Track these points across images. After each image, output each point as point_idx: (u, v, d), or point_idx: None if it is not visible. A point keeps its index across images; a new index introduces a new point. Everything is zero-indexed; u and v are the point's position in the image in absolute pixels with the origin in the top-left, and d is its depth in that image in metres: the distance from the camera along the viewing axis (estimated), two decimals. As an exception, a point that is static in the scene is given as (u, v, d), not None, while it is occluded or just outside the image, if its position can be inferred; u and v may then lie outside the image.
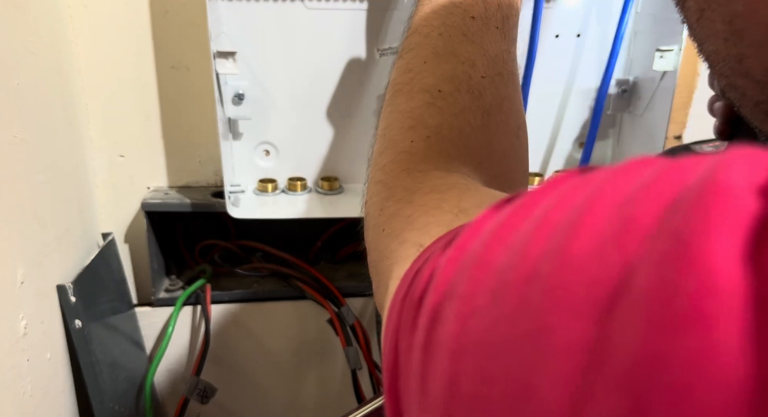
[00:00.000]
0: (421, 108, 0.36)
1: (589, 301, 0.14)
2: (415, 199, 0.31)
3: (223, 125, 0.58)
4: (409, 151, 0.35)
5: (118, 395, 0.60)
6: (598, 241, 0.15)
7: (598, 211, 0.16)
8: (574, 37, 0.59)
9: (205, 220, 0.70)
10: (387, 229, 0.31)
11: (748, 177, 0.13)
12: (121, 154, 0.66)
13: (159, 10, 0.62)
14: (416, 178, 0.33)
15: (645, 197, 0.15)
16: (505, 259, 0.18)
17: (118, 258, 0.67)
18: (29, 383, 0.48)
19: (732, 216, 0.12)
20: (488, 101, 0.38)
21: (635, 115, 0.61)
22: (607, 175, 0.17)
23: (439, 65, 0.38)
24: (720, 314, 0.12)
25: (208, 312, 0.66)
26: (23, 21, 0.49)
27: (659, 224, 0.14)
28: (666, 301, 0.12)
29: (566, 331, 0.14)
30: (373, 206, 0.34)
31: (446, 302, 0.19)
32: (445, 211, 0.28)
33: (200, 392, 0.66)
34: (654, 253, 0.13)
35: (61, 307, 0.53)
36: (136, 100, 0.64)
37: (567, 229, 0.16)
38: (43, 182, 0.52)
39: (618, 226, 0.15)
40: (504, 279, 0.17)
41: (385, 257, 0.30)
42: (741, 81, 0.20)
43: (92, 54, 0.62)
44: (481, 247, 0.19)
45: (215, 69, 0.55)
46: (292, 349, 0.72)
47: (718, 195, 0.13)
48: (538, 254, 0.17)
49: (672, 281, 0.12)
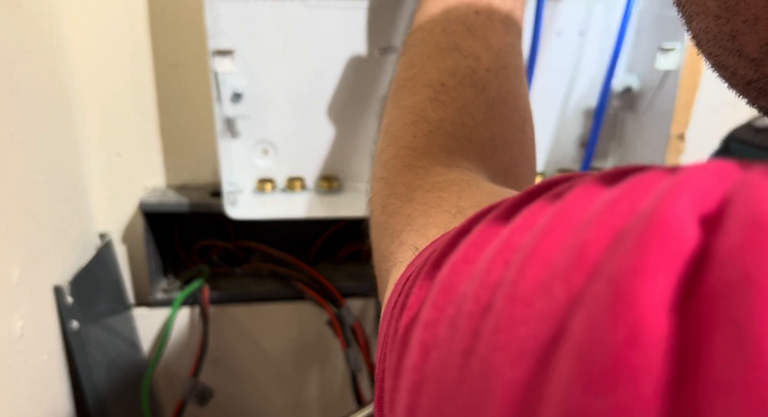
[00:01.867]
0: (424, 103, 0.36)
1: (532, 341, 0.14)
2: (416, 197, 0.30)
3: (221, 124, 0.57)
4: (411, 147, 0.34)
5: (115, 397, 0.60)
6: (549, 272, 0.14)
7: (555, 235, 0.15)
8: (577, 35, 0.59)
9: (203, 220, 0.70)
10: (388, 228, 0.31)
11: (695, 205, 0.13)
12: (119, 153, 0.66)
13: (157, 8, 0.61)
14: (417, 174, 0.32)
15: (598, 223, 0.14)
16: (466, 286, 0.17)
17: (115, 258, 0.67)
18: (26, 385, 0.47)
19: (667, 255, 0.12)
20: (492, 95, 0.37)
21: (638, 114, 0.60)
22: (575, 192, 0.16)
23: (442, 60, 0.37)
24: (642, 369, 0.11)
25: (206, 313, 0.66)
26: (20, 19, 0.49)
27: (604, 257, 0.13)
28: (593, 353, 0.12)
29: (508, 375, 0.14)
30: (375, 204, 0.34)
31: (413, 326, 0.19)
32: (443, 211, 0.28)
33: (198, 394, 0.65)
34: (590, 294, 0.13)
35: (57, 308, 0.53)
36: (134, 98, 0.64)
37: (524, 255, 0.16)
38: (39, 182, 0.51)
39: (569, 256, 0.14)
40: (462, 309, 0.17)
41: (386, 258, 0.30)
42: (732, 60, 0.19)
43: (89, 52, 0.61)
44: (447, 270, 0.19)
45: (213, 68, 0.54)
46: (291, 350, 0.71)
47: (657, 229, 0.12)
48: (494, 283, 0.16)
49: (601, 330, 0.12)
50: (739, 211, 0.12)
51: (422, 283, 0.20)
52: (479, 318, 0.16)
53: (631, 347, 0.11)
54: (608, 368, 0.11)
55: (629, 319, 0.11)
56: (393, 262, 0.28)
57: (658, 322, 0.11)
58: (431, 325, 0.18)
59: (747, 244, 0.11)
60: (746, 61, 0.19)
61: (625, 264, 0.12)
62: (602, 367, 0.11)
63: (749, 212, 0.11)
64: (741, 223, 0.11)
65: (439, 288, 0.18)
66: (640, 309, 0.11)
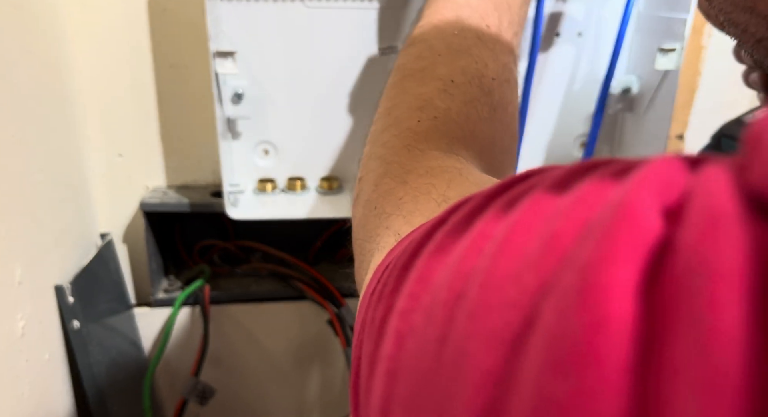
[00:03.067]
0: (433, 92, 0.37)
1: (504, 329, 0.14)
2: (409, 180, 0.31)
3: (222, 124, 0.57)
4: (415, 129, 0.35)
5: (117, 396, 0.60)
6: (522, 260, 0.15)
7: (528, 225, 0.16)
8: (576, 36, 0.59)
9: (203, 220, 0.70)
10: (378, 208, 0.31)
11: (658, 197, 0.13)
12: (120, 154, 0.66)
13: (157, 9, 0.61)
14: (415, 157, 0.33)
15: (569, 213, 0.15)
16: (441, 275, 0.17)
17: (117, 258, 0.67)
18: (27, 384, 0.47)
19: (633, 244, 0.12)
20: (496, 100, 0.38)
21: (637, 115, 0.60)
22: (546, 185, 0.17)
23: (453, 59, 0.38)
24: (607, 353, 0.12)
25: (207, 312, 0.66)
26: (21, 20, 0.49)
27: (573, 246, 0.14)
28: (562, 338, 0.12)
29: (481, 362, 0.14)
30: (368, 182, 0.34)
31: (389, 315, 0.19)
32: (430, 199, 0.28)
33: (199, 393, 0.66)
34: (560, 282, 0.13)
35: (59, 308, 0.53)
36: (135, 99, 0.64)
37: (497, 244, 0.16)
38: (40, 182, 0.51)
39: (540, 245, 0.15)
40: (437, 298, 0.17)
41: (371, 239, 0.30)
42: (743, 17, 0.19)
43: (90, 53, 0.62)
44: (423, 259, 0.19)
45: (215, 69, 0.55)
46: (291, 349, 0.72)
47: (623, 220, 0.13)
48: (468, 271, 0.16)
49: (569, 316, 0.12)
50: (699, 205, 0.12)
51: (400, 272, 0.20)
52: (453, 306, 0.16)
53: (598, 332, 0.12)
54: (576, 352, 0.12)
55: (596, 306, 0.12)
56: (377, 245, 0.28)
57: (624, 308, 0.12)
58: (406, 314, 0.18)
59: (706, 237, 0.12)
60: (758, 18, 0.19)
61: (593, 253, 0.13)
62: (570, 351, 0.12)
63: (707, 207, 0.12)
64: (700, 217, 0.12)
65: (414, 277, 0.19)
66: (607, 296, 0.12)
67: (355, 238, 0.34)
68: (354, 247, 0.34)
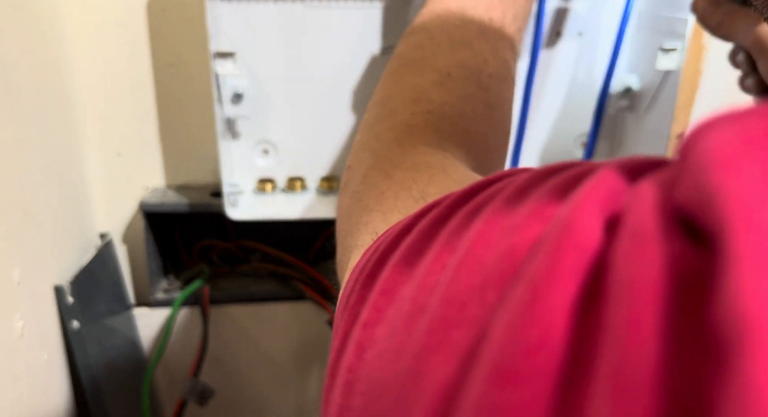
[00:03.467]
0: (428, 85, 0.36)
1: (461, 342, 0.14)
2: (394, 175, 0.31)
3: (222, 125, 0.57)
4: (407, 123, 0.35)
5: (116, 396, 0.60)
6: (481, 275, 0.15)
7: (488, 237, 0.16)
8: (577, 35, 0.59)
9: (203, 220, 0.70)
10: (363, 201, 0.31)
11: (602, 210, 0.13)
12: (119, 153, 0.66)
13: (157, 8, 0.61)
14: (404, 151, 0.33)
15: (524, 225, 0.15)
16: (407, 288, 0.18)
17: (116, 258, 0.67)
18: (26, 384, 0.47)
19: (575, 260, 0.13)
20: (492, 98, 0.38)
21: (638, 114, 0.60)
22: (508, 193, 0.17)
23: (453, 51, 0.38)
24: (544, 369, 0.12)
25: (206, 313, 0.66)
26: (20, 19, 0.49)
27: (525, 260, 0.14)
28: (508, 352, 0.12)
29: (436, 374, 0.14)
30: (357, 172, 0.34)
31: (353, 327, 0.19)
32: (409, 196, 0.28)
33: (198, 394, 0.65)
34: (510, 296, 0.13)
35: (58, 308, 0.53)
36: (134, 98, 0.64)
37: (459, 257, 0.16)
38: (39, 182, 0.51)
39: (498, 258, 0.15)
40: (401, 311, 0.17)
41: (352, 234, 0.30)
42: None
43: (89, 52, 0.61)
44: (387, 271, 0.19)
45: (215, 69, 0.54)
46: (291, 350, 0.71)
47: (567, 235, 0.13)
48: (431, 286, 0.16)
49: (514, 331, 0.13)
50: (629, 221, 0.13)
51: (365, 281, 0.20)
52: (415, 319, 0.16)
53: (540, 348, 0.12)
54: (518, 366, 0.12)
55: (540, 322, 0.12)
56: (356, 242, 0.28)
57: (562, 325, 0.12)
58: (369, 326, 0.18)
59: (629, 254, 0.12)
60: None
61: (540, 268, 0.13)
62: (513, 365, 0.12)
63: (634, 223, 0.12)
64: (627, 234, 0.12)
65: (379, 289, 0.19)
66: (550, 312, 0.12)
67: (338, 228, 0.34)
68: (337, 237, 0.34)
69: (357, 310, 0.19)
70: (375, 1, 0.56)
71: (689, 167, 0.12)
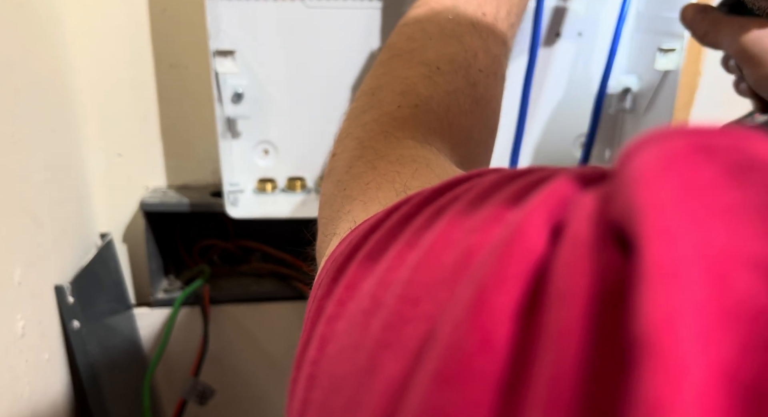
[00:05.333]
0: (417, 77, 0.37)
1: (412, 340, 0.14)
2: (379, 167, 0.31)
3: (222, 124, 0.57)
4: (394, 115, 0.35)
5: (116, 396, 0.60)
6: (437, 274, 0.15)
7: (448, 236, 0.16)
8: (576, 36, 0.59)
9: (203, 220, 0.70)
10: (347, 190, 0.31)
11: (550, 218, 0.14)
12: (120, 153, 0.66)
13: (157, 8, 0.61)
14: (390, 144, 0.33)
15: (482, 228, 0.15)
16: (368, 283, 0.18)
17: (116, 258, 0.67)
18: (27, 384, 0.47)
19: (520, 266, 0.13)
20: (480, 93, 0.38)
21: (637, 115, 0.60)
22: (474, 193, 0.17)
23: (443, 45, 0.38)
24: (487, 372, 0.12)
25: (206, 313, 0.66)
26: (21, 20, 0.49)
27: (478, 262, 0.14)
28: (450, 353, 0.13)
29: (387, 371, 0.14)
30: (342, 161, 0.34)
31: (319, 320, 0.19)
32: (392, 189, 0.28)
33: (198, 394, 0.66)
34: (458, 297, 0.14)
35: (59, 308, 0.53)
36: (134, 98, 0.64)
37: (419, 254, 0.16)
38: (40, 182, 0.51)
39: (455, 259, 0.15)
40: (360, 306, 0.17)
41: (332, 221, 0.30)
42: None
43: (90, 52, 0.61)
44: (354, 266, 0.19)
45: (214, 68, 0.54)
46: (291, 350, 0.71)
47: (515, 241, 0.13)
48: (390, 282, 0.17)
49: (459, 333, 0.13)
50: (569, 231, 0.13)
51: (334, 275, 0.20)
52: (372, 315, 0.16)
53: (480, 351, 0.12)
54: (460, 368, 0.12)
55: (484, 325, 0.13)
56: (336, 230, 0.28)
57: (505, 329, 0.12)
58: (332, 320, 0.18)
59: (565, 264, 0.12)
60: None
61: (487, 272, 0.13)
62: (456, 366, 0.13)
63: (571, 234, 0.13)
64: (566, 243, 0.13)
65: (344, 284, 0.19)
66: (491, 316, 0.13)
67: (320, 214, 0.35)
68: (318, 223, 0.34)
69: (323, 304, 0.20)
70: (374, 1, 0.56)
71: (620, 182, 0.13)
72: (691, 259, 0.10)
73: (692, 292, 0.10)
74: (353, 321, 0.17)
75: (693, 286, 0.10)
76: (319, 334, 0.18)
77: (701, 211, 0.11)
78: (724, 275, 0.10)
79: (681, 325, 0.10)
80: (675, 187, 0.11)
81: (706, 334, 0.10)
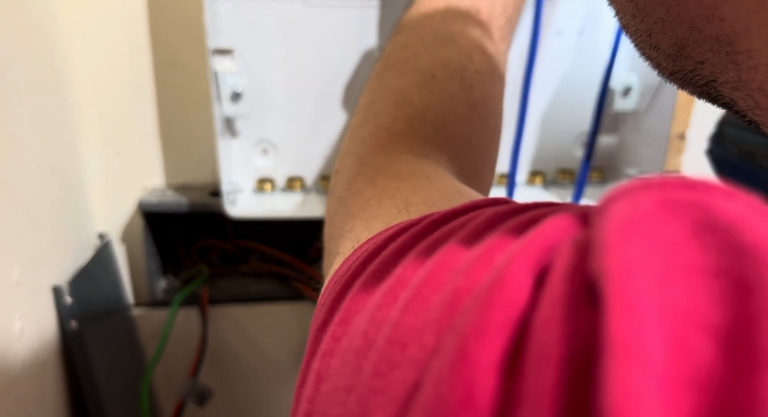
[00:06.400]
0: (411, 87, 0.36)
1: (399, 387, 0.14)
2: (378, 182, 0.31)
3: (221, 124, 0.57)
4: (390, 129, 0.34)
5: (115, 397, 0.60)
6: (424, 316, 0.15)
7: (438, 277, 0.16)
8: (576, 34, 0.59)
9: (202, 219, 0.69)
10: (347, 207, 0.31)
11: (534, 266, 0.13)
12: (118, 153, 0.65)
13: (156, 7, 0.61)
14: (388, 158, 0.33)
15: (470, 270, 0.15)
16: (360, 319, 0.17)
17: (115, 258, 0.67)
18: (24, 385, 0.47)
19: (503, 317, 0.13)
20: (477, 96, 0.38)
21: (638, 113, 0.60)
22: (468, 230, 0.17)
23: (436, 50, 0.38)
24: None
25: (205, 313, 0.66)
26: (17, 18, 0.49)
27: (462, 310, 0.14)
28: (434, 407, 0.12)
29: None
30: (343, 178, 0.34)
31: (315, 354, 0.19)
32: (392, 205, 0.28)
33: (197, 394, 0.65)
34: (442, 348, 0.13)
35: (56, 308, 0.53)
36: (132, 98, 0.64)
37: (409, 294, 0.16)
38: (38, 182, 0.51)
39: (442, 302, 0.15)
40: (352, 344, 0.17)
41: (336, 239, 0.30)
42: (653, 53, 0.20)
43: (87, 51, 0.61)
44: (349, 298, 0.19)
45: (213, 67, 0.54)
46: (290, 350, 0.71)
47: (498, 289, 0.13)
48: (381, 321, 0.16)
49: (442, 386, 0.13)
50: (548, 284, 0.13)
51: (331, 305, 0.20)
52: (363, 356, 0.16)
53: (465, 407, 0.12)
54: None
55: (466, 379, 0.12)
56: (339, 248, 0.28)
57: (488, 384, 0.12)
58: (326, 356, 0.18)
59: (542, 321, 0.12)
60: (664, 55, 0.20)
61: (470, 322, 0.13)
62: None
63: (550, 287, 0.13)
64: (546, 297, 0.12)
65: (338, 318, 0.19)
66: (475, 371, 0.12)
67: (325, 232, 0.34)
68: (324, 241, 0.34)
69: (320, 337, 0.19)
70: (374, 0, 0.55)
71: (594, 237, 0.13)
72: (652, 325, 0.10)
73: (653, 361, 0.10)
74: (346, 360, 0.17)
75: (654, 354, 0.10)
76: (314, 370, 0.18)
77: (665, 271, 0.11)
78: (685, 341, 0.10)
79: (642, 401, 0.10)
80: (640, 246, 0.11)
81: (666, 405, 0.10)
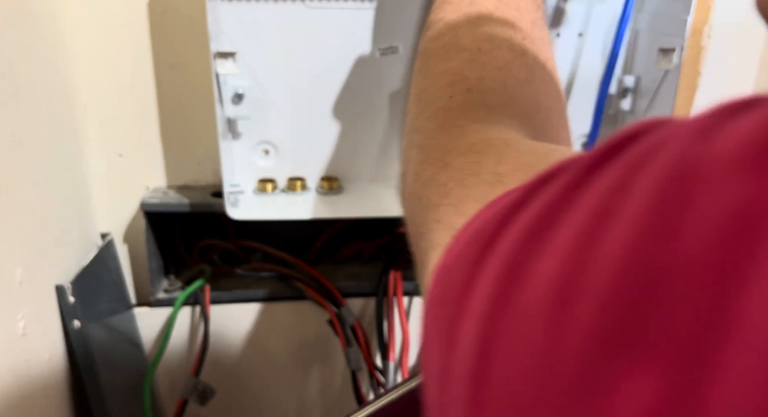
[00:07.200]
0: (461, 65, 0.33)
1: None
2: (451, 162, 0.28)
3: (223, 125, 0.57)
4: (447, 107, 0.32)
5: (117, 396, 0.60)
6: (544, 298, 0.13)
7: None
8: (576, 36, 0.59)
9: (204, 220, 0.70)
10: (423, 199, 0.28)
11: None
12: (120, 154, 0.66)
13: (157, 9, 0.61)
14: (453, 135, 0.29)
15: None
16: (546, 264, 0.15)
17: (117, 258, 0.67)
18: (27, 384, 0.47)
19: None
20: (531, 60, 0.35)
21: (637, 115, 0.60)
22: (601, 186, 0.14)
23: (474, 28, 0.35)
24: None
25: (207, 313, 0.66)
26: (21, 19, 0.49)
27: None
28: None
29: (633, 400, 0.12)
30: (409, 175, 0.31)
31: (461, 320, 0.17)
32: (481, 181, 0.25)
33: (199, 393, 0.66)
34: None
35: (59, 308, 0.53)
36: (135, 99, 0.64)
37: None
38: (41, 182, 0.51)
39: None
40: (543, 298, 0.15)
41: (423, 236, 0.27)
42: None
43: (90, 53, 0.62)
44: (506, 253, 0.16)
45: (215, 70, 0.55)
46: (291, 350, 0.72)
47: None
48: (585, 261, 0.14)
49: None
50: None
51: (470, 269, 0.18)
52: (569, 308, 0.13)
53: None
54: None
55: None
56: (431, 242, 0.25)
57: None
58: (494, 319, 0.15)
59: None
60: None
61: None
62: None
63: None
64: None
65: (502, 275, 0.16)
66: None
67: (408, 234, 0.31)
68: (410, 244, 0.31)
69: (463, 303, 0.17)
70: (375, 1, 0.56)
71: None
72: None
73: None
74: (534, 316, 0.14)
75: None
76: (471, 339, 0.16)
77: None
78: None
79: None
80: None
81: None
